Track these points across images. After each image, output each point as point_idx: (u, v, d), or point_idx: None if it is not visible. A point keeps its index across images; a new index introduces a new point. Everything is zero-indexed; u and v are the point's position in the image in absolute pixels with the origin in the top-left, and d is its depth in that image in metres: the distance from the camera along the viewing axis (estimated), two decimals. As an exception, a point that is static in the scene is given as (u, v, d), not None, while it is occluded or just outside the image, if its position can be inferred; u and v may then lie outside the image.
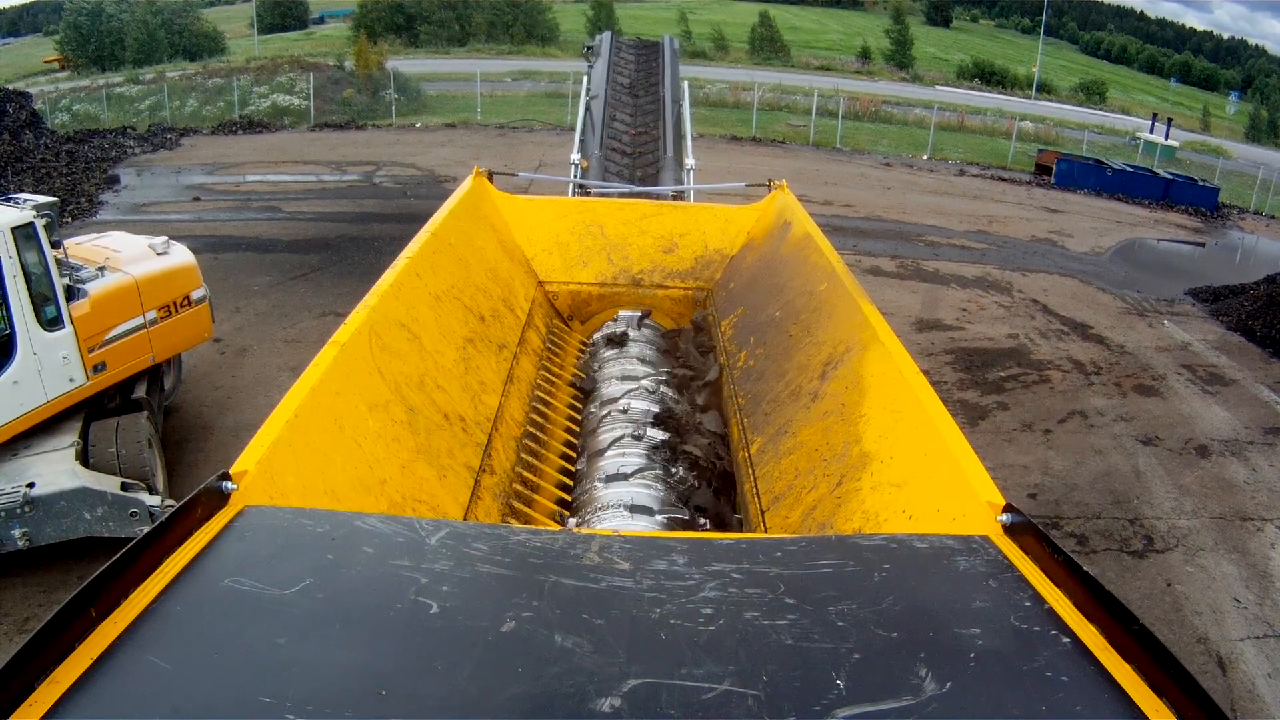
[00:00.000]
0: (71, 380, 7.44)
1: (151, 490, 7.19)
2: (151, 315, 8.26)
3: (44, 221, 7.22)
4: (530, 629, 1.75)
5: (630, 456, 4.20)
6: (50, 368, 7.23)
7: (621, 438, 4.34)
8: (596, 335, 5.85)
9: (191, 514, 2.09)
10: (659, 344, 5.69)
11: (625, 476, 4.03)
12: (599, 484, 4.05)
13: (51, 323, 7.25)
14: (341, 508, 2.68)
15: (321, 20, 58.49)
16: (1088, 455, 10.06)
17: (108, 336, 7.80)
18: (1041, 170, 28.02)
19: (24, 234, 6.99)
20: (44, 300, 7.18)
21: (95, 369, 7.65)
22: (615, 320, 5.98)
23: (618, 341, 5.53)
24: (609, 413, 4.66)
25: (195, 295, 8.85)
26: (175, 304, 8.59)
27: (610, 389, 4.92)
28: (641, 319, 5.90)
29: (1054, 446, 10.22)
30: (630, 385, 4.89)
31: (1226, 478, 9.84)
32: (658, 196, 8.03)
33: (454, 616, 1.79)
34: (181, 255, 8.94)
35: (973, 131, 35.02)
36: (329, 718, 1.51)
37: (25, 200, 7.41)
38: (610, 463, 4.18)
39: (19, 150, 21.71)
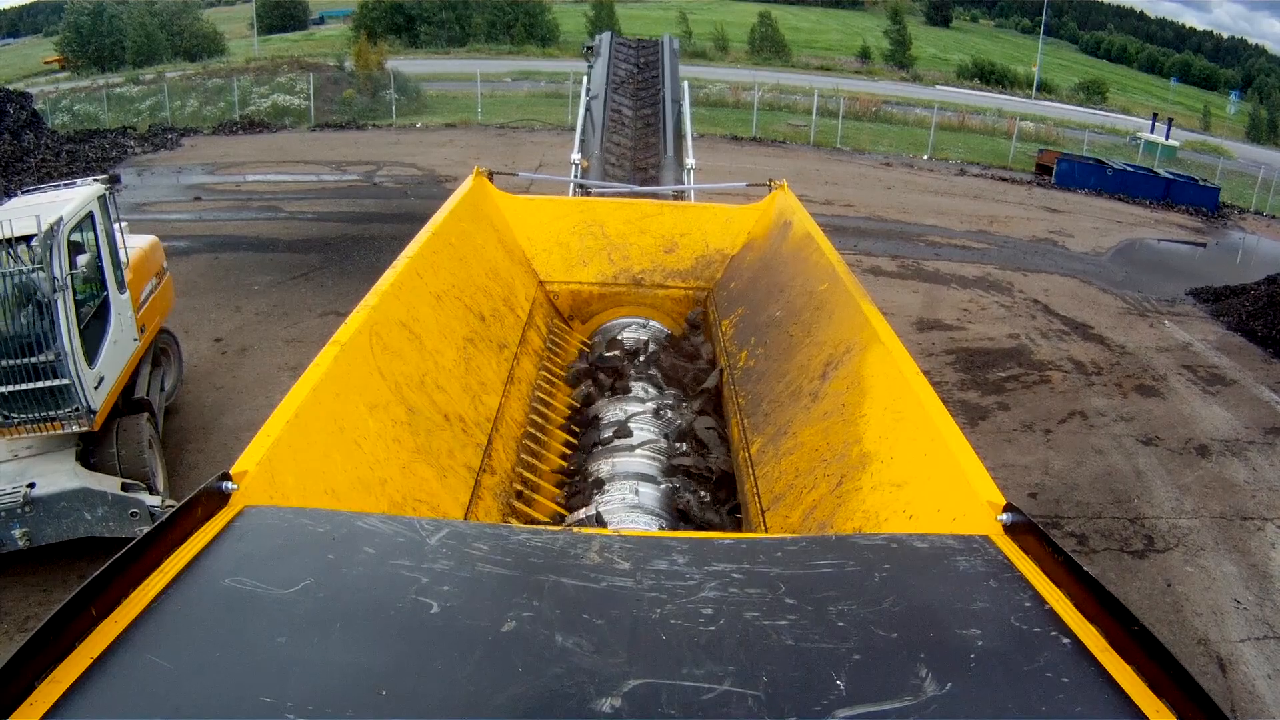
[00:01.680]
0: (134, 340, 8.07)
1: (152, 490, 7.19)
2: (154, 282, 9.04)
3: (110, 194, 7.97)
4: (530, 629, 1.75)
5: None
6: (124, 328, 7.83)
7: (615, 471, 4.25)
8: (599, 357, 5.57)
9: (192, 514, 2.09)
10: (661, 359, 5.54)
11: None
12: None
13: (120, 285, 7.86)
14: (342, 508, 2.67)
15: (321, 20, 58.52)
16: (1088, 455, 10.06)
17: (141, 299, 8.48)
18: (1042, 170, 28.01)
19: (101, 205, 7.67)
20: (116, 265, 7.83)
21: (141, 329, 8.28)
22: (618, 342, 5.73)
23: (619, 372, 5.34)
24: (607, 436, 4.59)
25: (165, 265, 9.71)
26: (161, 272, 9.42)
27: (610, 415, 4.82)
28: (649, 355, 5.60)
29: (1054, 446, 10.22)
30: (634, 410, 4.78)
31: (1227, 477, 9.83)
32: (658, 196, 8.02)
33: (454, 616, 1.79)
34: (144, 235, 9.76)
35: (973, 131, 35.01)
36: (329, 718, 1.51)
37: (80, 182, 8.15)
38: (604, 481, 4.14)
39: (19, 150, 21.73)
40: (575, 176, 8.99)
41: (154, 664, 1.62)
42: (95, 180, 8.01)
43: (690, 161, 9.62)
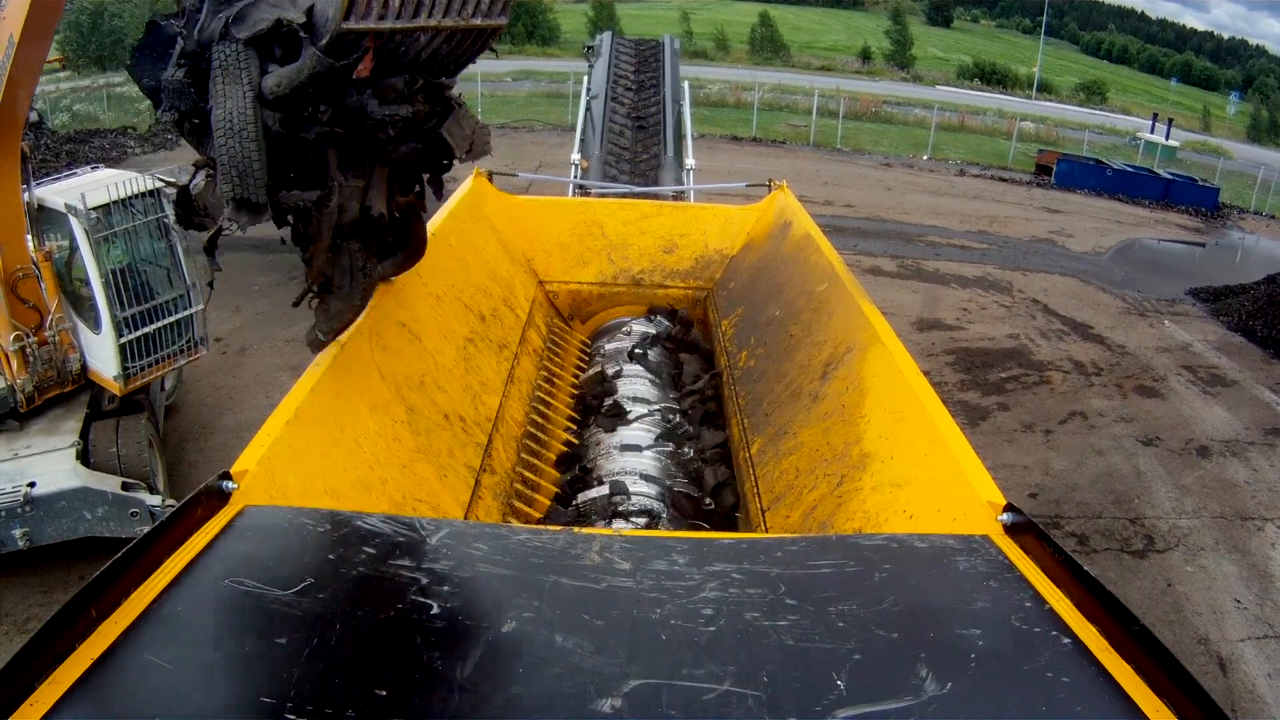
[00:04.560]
0: None
1: (152, 490, 7.18)
2: None
3: None
4: (531, 629, 1.75)
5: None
6: None
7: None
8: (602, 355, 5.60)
9: (192, 514, 2.09)
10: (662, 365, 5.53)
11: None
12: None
13: None
14: (342, 507, 2.67)
15: (322, 20, 58.42)
16: (1088, 455, 10.05)
17: None
18: (1042, 170, 27.98)
19: None
20: None
21: None
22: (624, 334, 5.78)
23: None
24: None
25: None
26: None
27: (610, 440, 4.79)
28: (652, 340, 5.65)
29: (1054, 447, 10.21)
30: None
31: (1227, 478, 9.83)
32: (658, 197, 8.03)
33: (454, 616, 1.79)
34: None
35: (973, 131, 34.99)
36: (329, 718, 1.51)
37: (80, 171, 8.60)
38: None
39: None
40: (575, 177, 8.98)
41: (154, 664, 1.62)
42: (94, 168, 8.60)
43: (690, 162, 9.63)
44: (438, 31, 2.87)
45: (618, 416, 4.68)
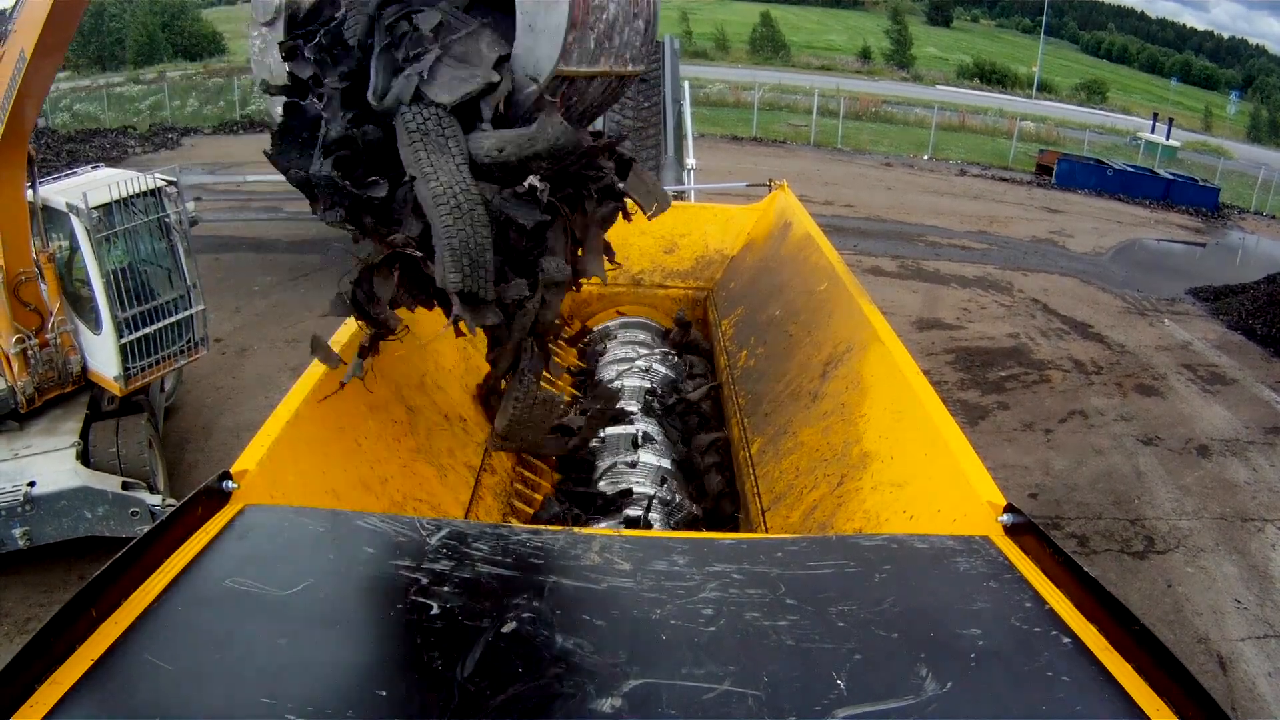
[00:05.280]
0: None
1: (152, 489, 7.18)
2: None
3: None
4: (531, 629, 1.75)
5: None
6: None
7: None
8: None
9: (192, 513, 2.09)
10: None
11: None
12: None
13: None
14: (342, 507, 2.68)
15: (322, 20, 58.32)
16: (1088, 455, 10.05)
17: None
18: (1042, 170, 27.98)
19: None
20: None
21: None
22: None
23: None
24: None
25: None
26: None
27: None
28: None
29: (1055, 446, 10.21)
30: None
31: (1227, 478, 9.82)
32: None
33: (454, 616, 1.79)
34: None
35: (973, 131, 34.98)
36: (329, 718, 1.51)
37: (80, 171, 8.48)
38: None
39: (19, 150, 21.69)
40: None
41: (154, 665, 1.62)
42: (94, 167, 8.57)
43: (691, 161, 9.63)
44: (607, 77, 2.62)
45: (689, 429, 4.68)
